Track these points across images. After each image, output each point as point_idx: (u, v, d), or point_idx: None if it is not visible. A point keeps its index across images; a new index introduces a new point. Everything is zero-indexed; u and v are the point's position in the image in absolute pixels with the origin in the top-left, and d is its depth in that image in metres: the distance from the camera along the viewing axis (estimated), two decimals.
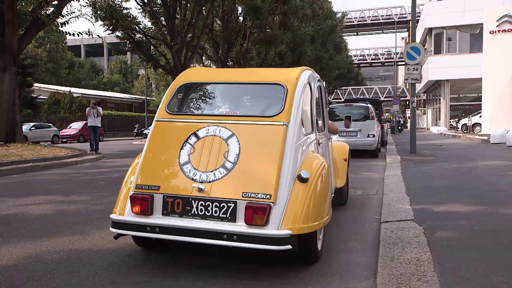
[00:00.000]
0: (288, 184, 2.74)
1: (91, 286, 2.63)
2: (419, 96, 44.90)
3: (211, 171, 2.80)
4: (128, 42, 18.59)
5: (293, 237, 2.60)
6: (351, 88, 55.80)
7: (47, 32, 46.88)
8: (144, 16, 19.02)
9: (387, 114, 28.91)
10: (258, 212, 2.57)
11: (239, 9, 21.53)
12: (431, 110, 41.23)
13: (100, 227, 4.03)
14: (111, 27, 17.25)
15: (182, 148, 2.97)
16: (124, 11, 17.44)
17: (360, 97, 46.25)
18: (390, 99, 38.34)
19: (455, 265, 2.68)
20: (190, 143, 2.98)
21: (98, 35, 15.56)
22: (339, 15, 39.03)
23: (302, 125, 3.17)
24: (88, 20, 20.52)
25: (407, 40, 51.30)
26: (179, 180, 2.82)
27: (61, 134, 26.98)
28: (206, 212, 2.69)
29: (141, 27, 18.65)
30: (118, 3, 17.30)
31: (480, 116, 23.23)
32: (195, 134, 3.03)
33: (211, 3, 18.60)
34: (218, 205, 2.67)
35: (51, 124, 27.95)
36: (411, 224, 3.75)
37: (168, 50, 18.96)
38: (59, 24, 14.23)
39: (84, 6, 18.24)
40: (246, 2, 18.89)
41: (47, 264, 3.03)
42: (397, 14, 53.44)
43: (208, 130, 3.02)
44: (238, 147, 2.88)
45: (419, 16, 34.79)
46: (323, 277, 2.76)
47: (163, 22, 18.40)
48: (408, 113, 46.80)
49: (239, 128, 2.99)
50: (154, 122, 3.25)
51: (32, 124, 25.62)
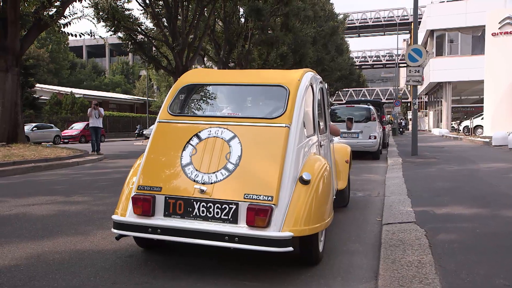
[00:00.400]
0: (290, 186, 2.74)
1: (92, 286, 2.64)
2: (421, 98, 44.85)
3: (213, 173, 2.80)
4: (130, 43, 18.63)
5: (294, 239, 2.59)
6: (353, 90, 55.80)
7: (49, 33, 46.76)
8: (146, 17, 19.10)
9: (388, 116, 28.91)
10: (260, 214, 2.57)
11: (241, 10, 21.56)
12: (433, 112, 41.19)
13: (102, 228, 4.04)
14: (113, 28, 17.32)
15: (184, 150, 2.97)
16: (126, 12, 17.50)
17: (362, 98, 46.19)
18: (392, 101, 38.29)
19: (457, 267, 2.68)
20: (192, 145, 2.98)
21: (100, 36, 15.57)
22: (341, 16, 39.09)
23: (304, 127, 3.17)
24: (90, 21, 20.57)
25: (409, 42, 51.39)
26: (181, 181, 2.82)
27: (62, 135, 26.98)
28: (207, 213, 2.69)
29: (143, 28, 18.71)
30: (120, 4, 17.36)
31: (482, 118, 23.16)
32: (197, 136, 3.02)
33: (213, 5, 18.64)
34: (220, 206, 2.67)
35: (53, 125, 27.95)
36: (412, 226, 3.74)
37: (169, 51, 19.00)
38: (62, 25, 14.25)
39: (87, 7, 18.31)
40: (248, 3, 18.93)
41: (49, 264, 3.03)
42: (399, 16, 53.44)
43: (210, 131, 3.02)
44: (240, 149, 2.88)
45: (421, 18, 34.73)
46: (325, 279, 2.76)
47: (165, 23, 18.46)
48: (409, 115, 46.81)
49: (241, 130, 2.99)
50: (156, 123, 3.26)
51: (34, 124, 25.63)
